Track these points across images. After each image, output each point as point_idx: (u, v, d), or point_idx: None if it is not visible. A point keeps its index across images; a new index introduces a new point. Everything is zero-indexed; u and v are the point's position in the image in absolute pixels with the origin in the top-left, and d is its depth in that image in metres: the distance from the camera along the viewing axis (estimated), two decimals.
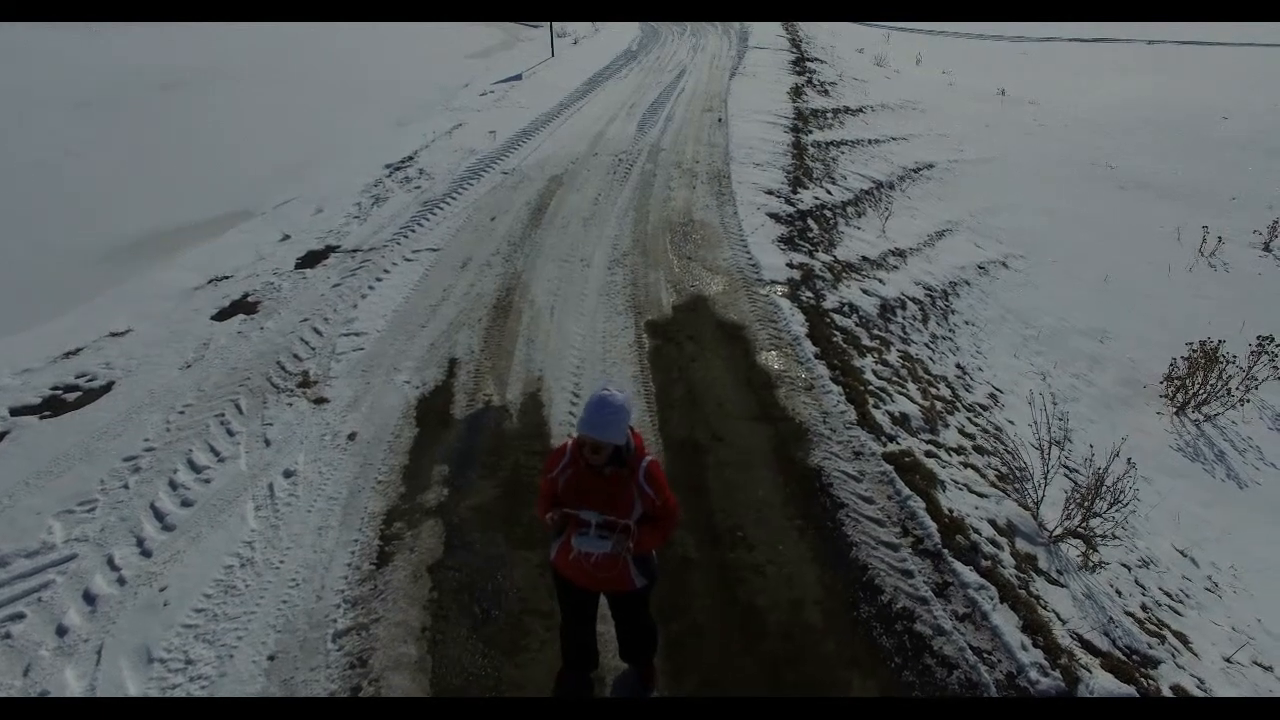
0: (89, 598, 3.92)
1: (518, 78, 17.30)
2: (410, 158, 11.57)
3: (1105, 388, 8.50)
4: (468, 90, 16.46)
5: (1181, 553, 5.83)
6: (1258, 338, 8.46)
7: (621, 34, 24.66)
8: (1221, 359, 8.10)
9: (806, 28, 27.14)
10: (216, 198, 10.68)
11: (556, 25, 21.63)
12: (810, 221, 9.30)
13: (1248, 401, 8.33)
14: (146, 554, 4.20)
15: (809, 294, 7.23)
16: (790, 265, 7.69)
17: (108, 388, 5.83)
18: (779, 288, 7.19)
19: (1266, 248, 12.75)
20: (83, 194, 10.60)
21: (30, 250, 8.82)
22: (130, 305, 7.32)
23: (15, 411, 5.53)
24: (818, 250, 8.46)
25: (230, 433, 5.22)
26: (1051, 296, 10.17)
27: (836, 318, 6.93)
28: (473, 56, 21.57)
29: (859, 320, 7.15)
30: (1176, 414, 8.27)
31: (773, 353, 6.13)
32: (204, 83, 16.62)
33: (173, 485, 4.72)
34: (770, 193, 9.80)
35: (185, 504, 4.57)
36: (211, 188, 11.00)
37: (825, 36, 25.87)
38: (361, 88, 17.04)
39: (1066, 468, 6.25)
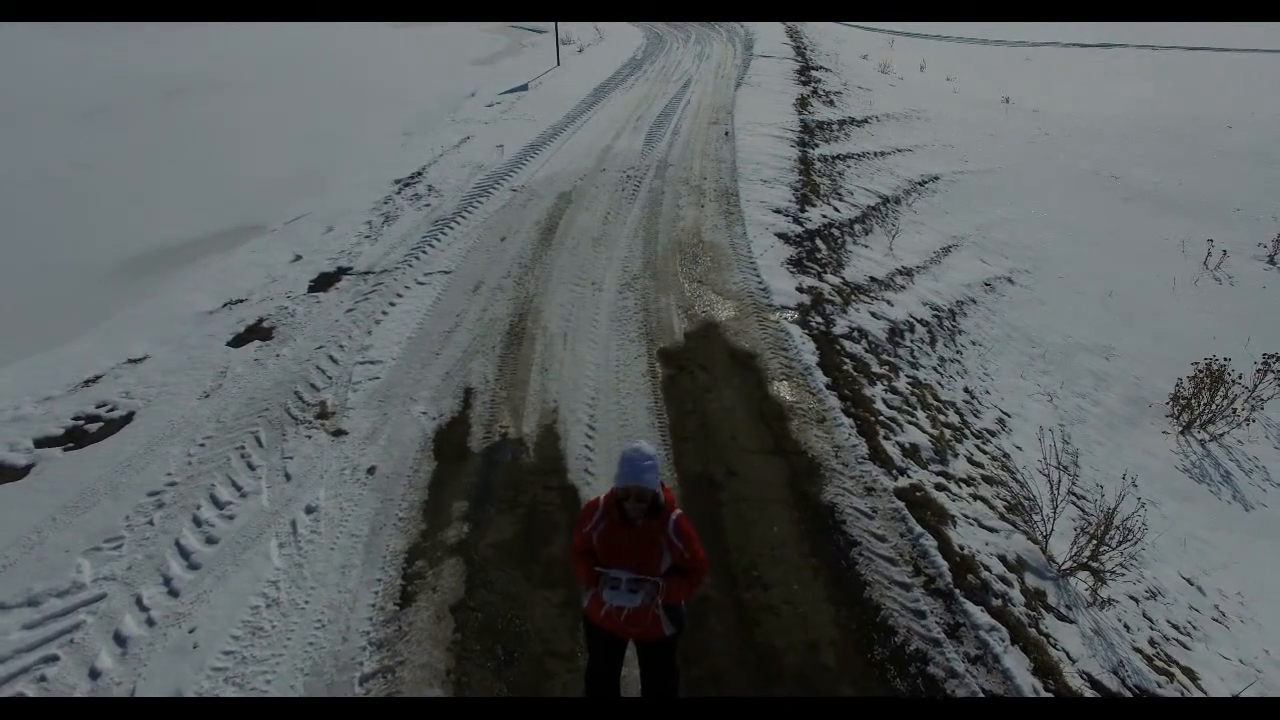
0: (120, 639, 4.00)
1: (524, 87, 17.33)
2: (419, 173, 11.63)
3: (1111, 407, 8.56)
4: (474, 100, 16.51)
5: (1188, 581, 5.90)
6: (1264, 355, 8.52)
7: (626, 41, 24.69)
8: (1227, 378, 8.16)
9: (811, 34, 27.15)
10: (225, 210, 10.75)
11: (561, 32, 21.65)
12: (819, 241, 9.36)
13: (1253, 421, 8.38)
14: (174, 593, 4.28)
15: (819, 319, 7.30)
16: (800, 289, 7.75)
17: (128, 418, 5.91)
18: (789, 313, 7.25)
19: (1271, 260, 12.80)
20: (89, 206, 10.66)
21: (39, 266, 8.89)
22: (146, 328, 7.40)
23: (39, 443, 5.61)
24: (826, 272, 8.53)
25: (251, 466, 5.30)
26: (1057, 313, 10.24)
27: (846, 344, 7.00)
28: (477, 63, 21.61)
29: (868, 346, 7.22)
30: (1182, 434, 8.33)
31: (784, 383, 6.19)
32: (208, 89, 16.70)
33: (197, 522, 4.79)
34: (778, 211, 9.85)
35: (210, 541, 4.65)
36: (219, 200, 11.06)
37: (829, 43, 25.89)
38: (365, 94, 17.10)
39: (1074, 495, 6.32)
